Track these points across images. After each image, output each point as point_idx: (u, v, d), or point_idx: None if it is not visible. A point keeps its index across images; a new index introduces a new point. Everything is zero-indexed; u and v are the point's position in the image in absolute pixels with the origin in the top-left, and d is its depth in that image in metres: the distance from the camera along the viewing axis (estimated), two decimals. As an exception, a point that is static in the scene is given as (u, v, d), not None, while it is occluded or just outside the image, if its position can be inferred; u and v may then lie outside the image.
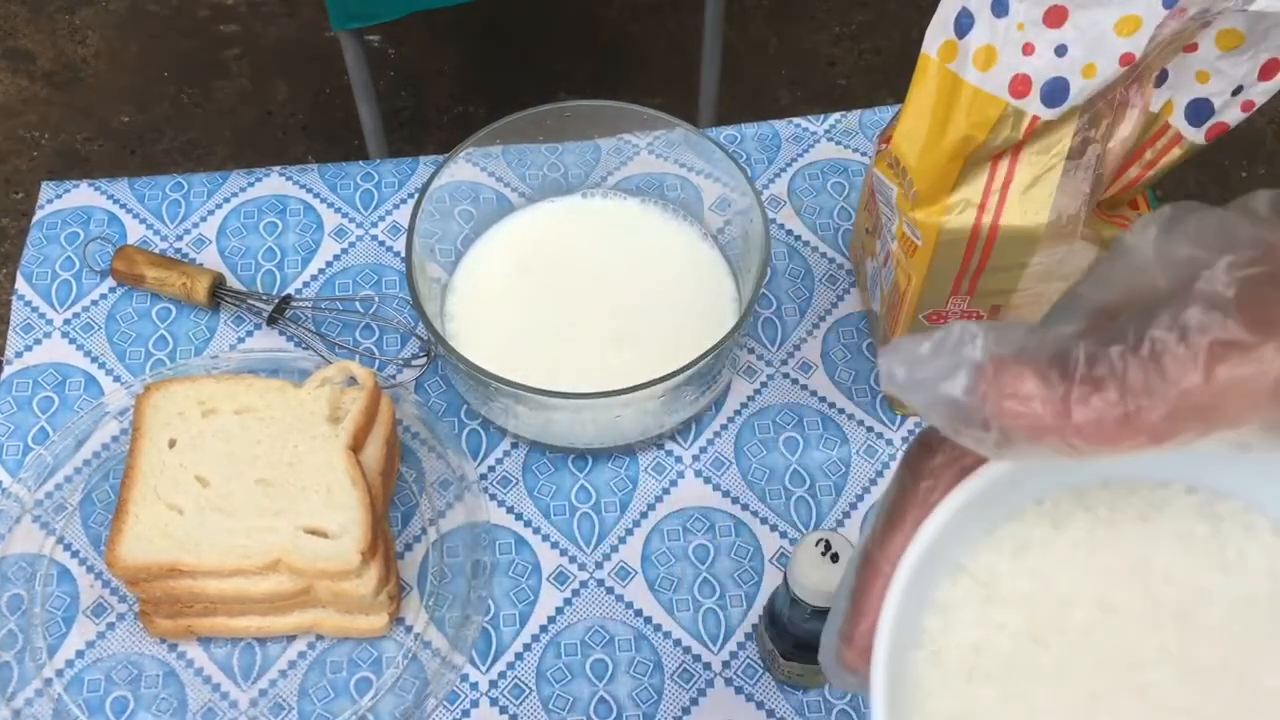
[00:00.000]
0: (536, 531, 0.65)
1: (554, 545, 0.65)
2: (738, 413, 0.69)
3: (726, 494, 0.67)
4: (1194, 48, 0.54)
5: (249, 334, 0.73)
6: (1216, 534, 0.34)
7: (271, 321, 0.72)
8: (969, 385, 0.28)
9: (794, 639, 0.56)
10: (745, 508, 0.66)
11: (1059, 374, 0.27)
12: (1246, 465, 0.30)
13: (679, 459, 0.68)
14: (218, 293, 0.72)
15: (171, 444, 0.62)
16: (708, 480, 0.67)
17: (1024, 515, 0.35)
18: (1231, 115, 0.55)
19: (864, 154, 0.80)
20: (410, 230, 0.65)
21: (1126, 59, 0.51)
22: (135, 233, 0.77)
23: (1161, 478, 0.35)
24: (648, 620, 0.63)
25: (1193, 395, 0.26)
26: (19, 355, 0.72)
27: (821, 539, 0.52)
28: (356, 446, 0.61)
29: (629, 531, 0.65)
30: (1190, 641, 0.32)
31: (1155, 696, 0.32)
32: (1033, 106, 0.53)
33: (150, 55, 1.74)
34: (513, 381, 0.60)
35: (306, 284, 0.75)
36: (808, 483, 0.67)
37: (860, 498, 0.66)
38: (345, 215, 0.78)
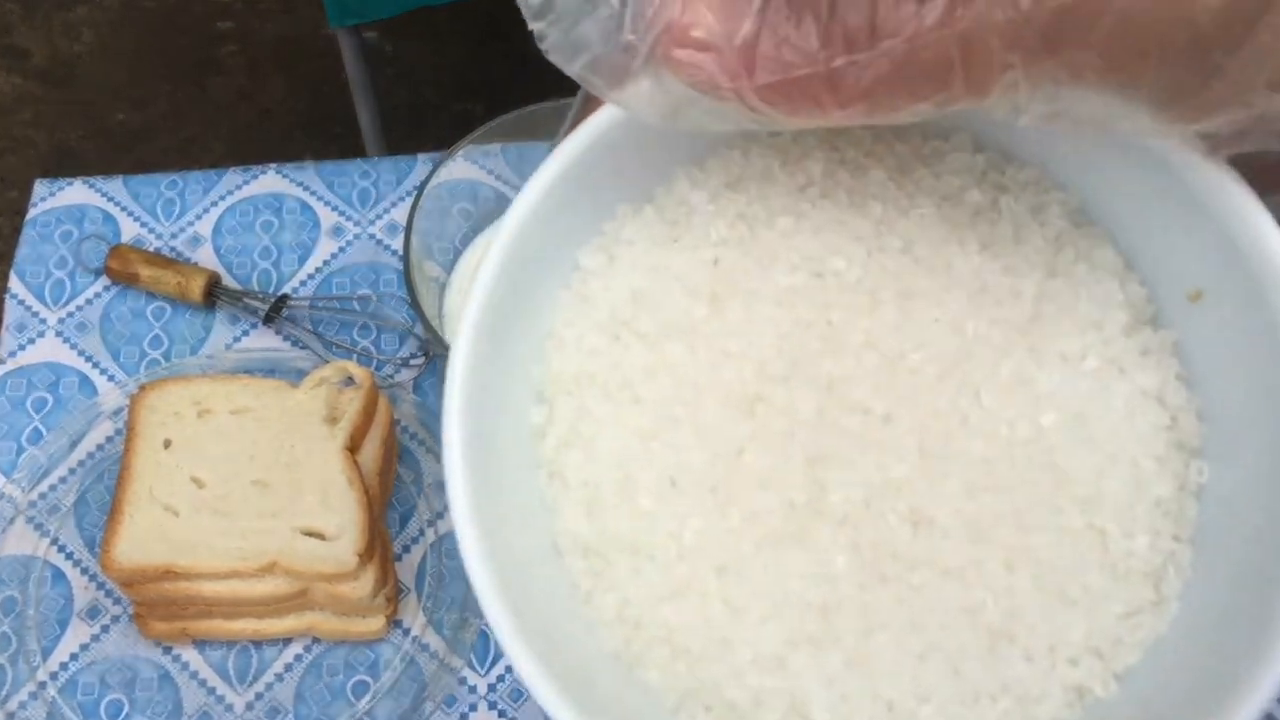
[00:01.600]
0: (536, 533, 0.65)
1: (553, 547, 0.64)
2: (739, 413, 0.69)
3: (727, 495, 0.66)
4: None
5: (245, 333, 0.72)
6: (994, 206, 0.26)
7: (268, 321, 0.72)
8: (618, 24, 0.19)
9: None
10: (746, 509, 0.65)
11: (745, 6, 0.18)
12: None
13: (679, 460, 0.67)
14: (213, 292, 0.72)
15: (167, 445, 0.61)
16: (708, 481, 0.66)
17: (750, 145, 0.26)
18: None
19: (865, 152, 0.80)
20: (408, 229, 0.64)
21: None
22: (130, 231, 0.76)
23: (945, 125, 0.26)
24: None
25: (924, 48, 0.18)
26: (12, 355, 0.71)
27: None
28: (354, 447, 0.61)
29: (629, 533, 0.65)
30: (905, 332, 0.25)
31: (843, 394, 0.25)
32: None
33: (145, 52, 1.73)
34: (512, 382, 0.60)
35: (303, 283, 0.74)
36: (809, 484, 0.66)
37: (862, 499, 0.66)
38: (342, 213, 0.77)
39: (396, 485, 0.66)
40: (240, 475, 0.60)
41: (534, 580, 0.25)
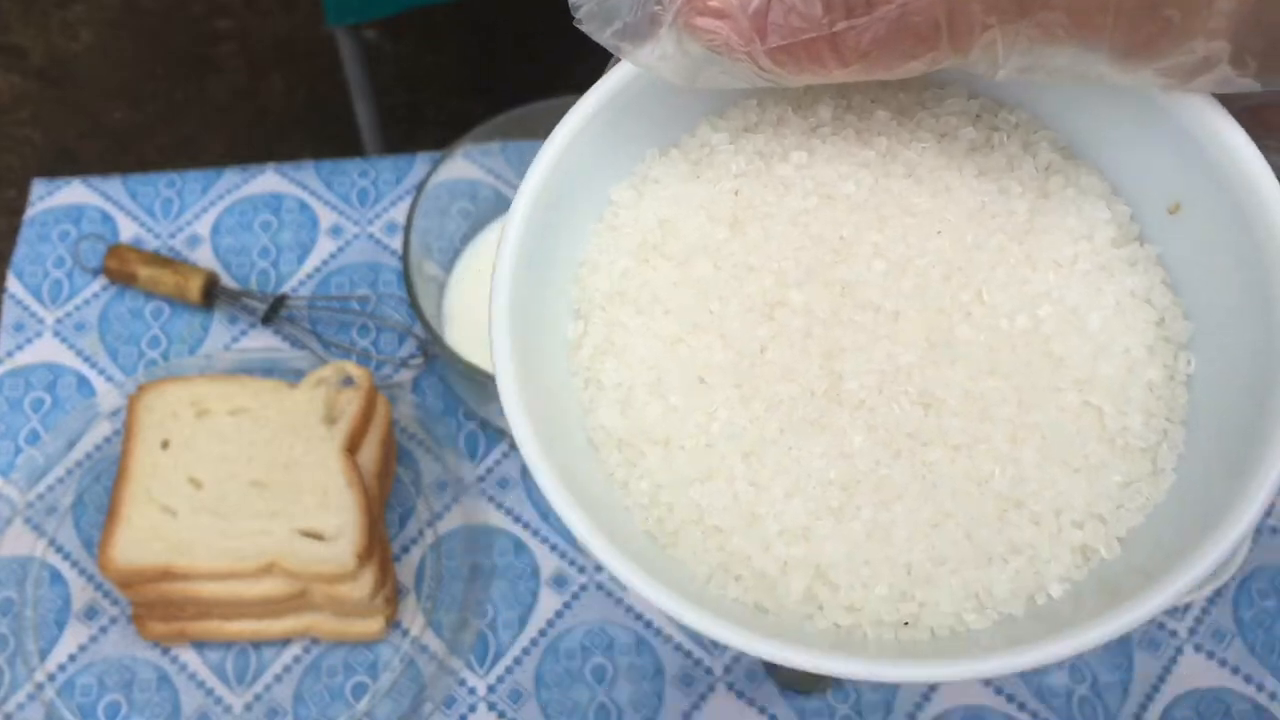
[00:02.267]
0: (535, 534, 0.65)
1: (553, 548, 0.64)
2: (739, 413, 0.69)
3: (728, 495, 0.66)
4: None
5: (243, 333, 0.72)
6: (988, 142, 0.29)
7: (266, 321, 0.72)
8: None
9: (797, 643, 0.55)
10: (747, 509, 0.65)
11: None
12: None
13: (679, 460, 0.67)
14: (212, 291, 0.71)
15: (165, 445, 0.61)
16: (709, 481, 0.66)
17: (765, 95, 0.30)
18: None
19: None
20: (407, 228, 0.64)
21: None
22: (128, 231, 0.76)
23: (942, 77, 0.29)
24: (648, 624, 0.62)
25: (914, 14, 0.21)
26: (10, 355, 0.71)
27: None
28: (353, 448, 0.61)
29: (629, 533, 0.65)
30: (909, 242, 0.28)
31: (855, 295, 0.28)
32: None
33: (143, 51, 1.73)
34: (511, 382, 0.59)
35: (302, 282, 0.74)
36: (810, 484, 0.66)
37: (863, 499, 0.66)
38: (341, 213, 0.77)
39: (395, 486, 0.66)
40: (238, 476, 0.60)
41: (574, 468, 0.28)
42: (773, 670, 0.59)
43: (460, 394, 0.68)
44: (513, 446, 0.67)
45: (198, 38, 1.74)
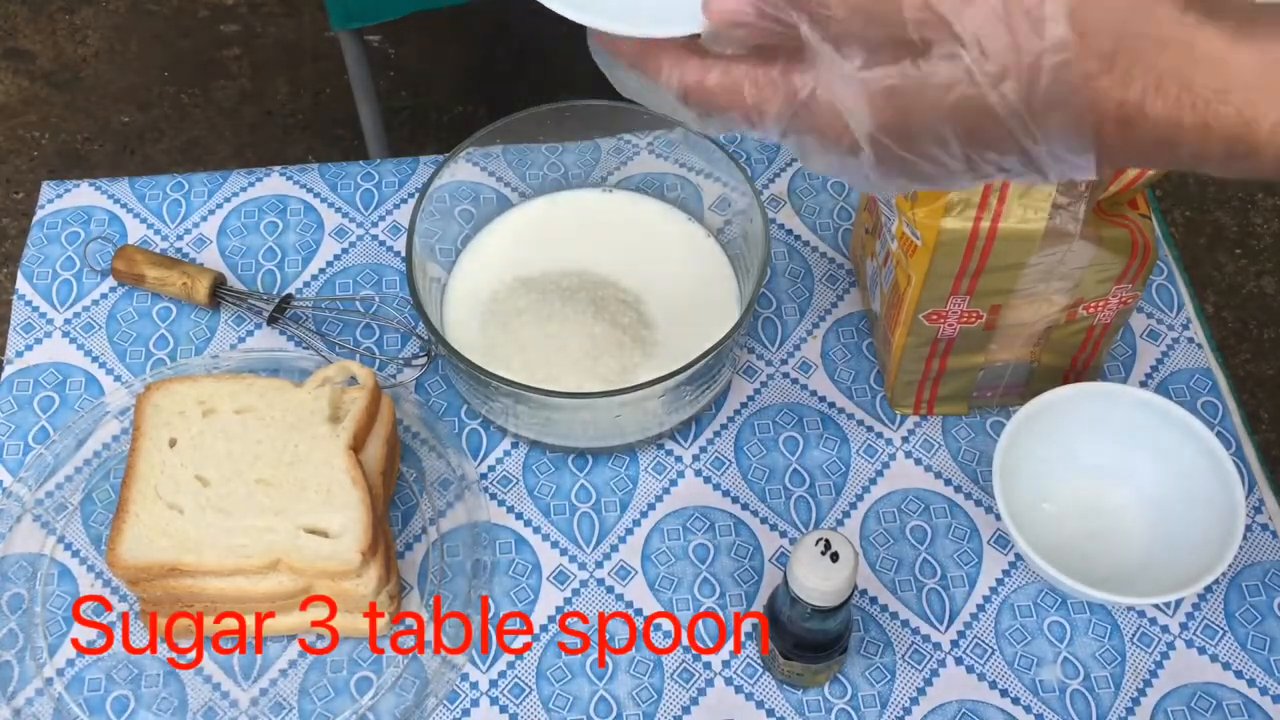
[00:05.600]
0: (536, 531, 0.65)
1: (554, 544, 0.65)
2: (738, 412, 0.69)
3: (726, 493, 0.67)
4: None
5: (249, 333, 0.73)
6: None
7: (272, 321, 0.72)
8: None
9: (794, 638, 0.56)
10: (745, 507, 0.66)
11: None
12: None
13: (679, 459, 0.68)
14: (218, 292, 0.72)
15: (172, 443, 0.62)
16: (708, 480, 0.67)
17: None
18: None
19: (864, 154, 0.80)
20: (410, 230, 0.65)
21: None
22: (136, 232, 0.77)
23: None
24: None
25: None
26: (20, 355, 0.72)
27: (821, 538, 0.52)
28: (357, 446, 0.61)
29: (629, 531, 0.66)
30: None
31: None
32: (1032, 106, 0.53)
33: (150, 55, 1.74)
34: (513, 381, 0.60)
35: (307, 284, 0.75)
36: (808, 482, 0.67)
37: (860, 497, 0.66)
38: (346, 215, 0.78)
39: (399, 484, 0.67)
40: (244, 474, 0.60)
41: None
42: (771, 665, 0.60)
43: (463, 393, 0.69)
44: (514, 444, 0.68)
45: (204, 42, 1.75)
